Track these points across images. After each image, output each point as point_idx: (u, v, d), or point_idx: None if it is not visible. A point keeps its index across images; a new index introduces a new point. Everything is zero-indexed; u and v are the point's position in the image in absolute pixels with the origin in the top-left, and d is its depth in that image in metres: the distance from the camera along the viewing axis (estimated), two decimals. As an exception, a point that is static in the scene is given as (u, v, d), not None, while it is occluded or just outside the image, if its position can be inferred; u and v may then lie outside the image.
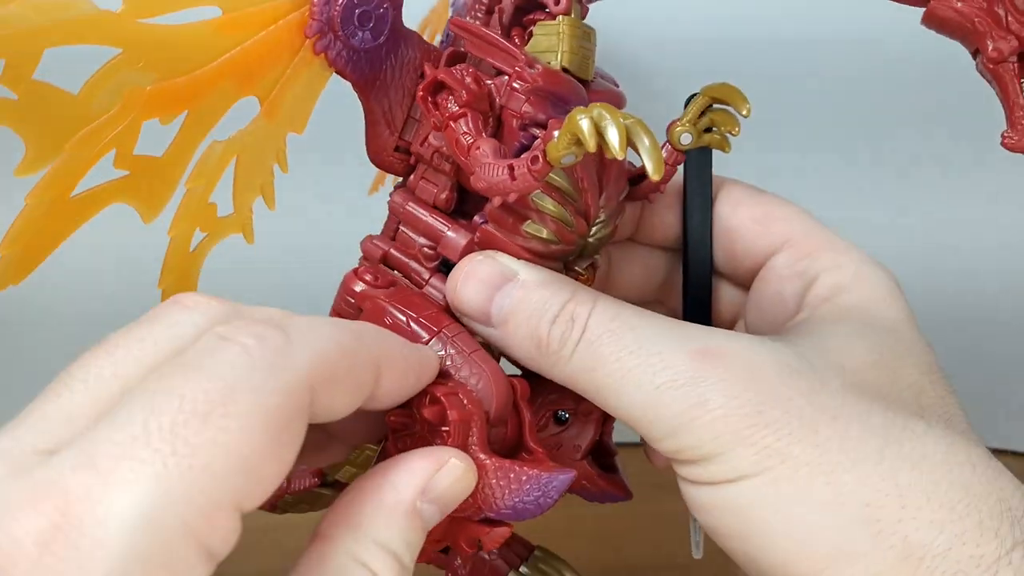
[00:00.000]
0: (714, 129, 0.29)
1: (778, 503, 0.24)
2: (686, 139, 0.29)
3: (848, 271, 0.29)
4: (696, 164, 0.31)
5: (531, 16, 0.28)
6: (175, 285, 0.26)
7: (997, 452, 0.25)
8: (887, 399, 0.25)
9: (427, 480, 0.23)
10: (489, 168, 0.25)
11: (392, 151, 0.29)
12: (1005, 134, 0.24)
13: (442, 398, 0.25)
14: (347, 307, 0.29)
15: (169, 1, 0.23)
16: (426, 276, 0.29)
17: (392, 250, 0.29)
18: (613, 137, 0.21)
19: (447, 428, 0.24)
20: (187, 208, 0.26)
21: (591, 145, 0.21)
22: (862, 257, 0.30)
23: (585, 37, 0.28)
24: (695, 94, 0.29)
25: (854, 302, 0.29)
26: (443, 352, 0.26)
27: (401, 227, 0.30)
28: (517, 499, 0.24)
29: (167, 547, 0.17)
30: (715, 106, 0.29)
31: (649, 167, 0.22)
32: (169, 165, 0.25)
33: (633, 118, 0.22)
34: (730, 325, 0.34)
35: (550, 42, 0.27)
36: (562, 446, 0.31)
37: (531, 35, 0.28)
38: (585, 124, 0.21)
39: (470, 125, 0.26)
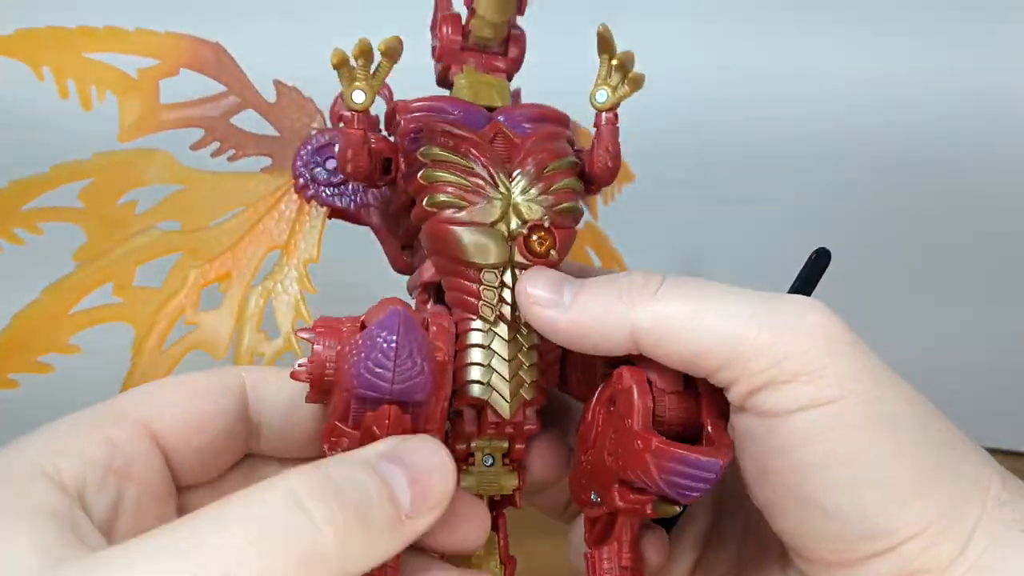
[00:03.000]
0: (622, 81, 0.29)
1: (884, 421, 0.25)
2: (602, 96, 0.29)
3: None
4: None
5: None
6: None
7: (997, 452, 0.28)
8: None
9: (388, 447, 0.23)
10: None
11: (401, 254, 0.33)
12: None
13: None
14: None
15: (210, 214, 0.35)
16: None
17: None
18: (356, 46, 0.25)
19: None
20: (246, 341, 0.33)
21: (352, 61, 0.26)
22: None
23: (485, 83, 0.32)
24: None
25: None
26: None
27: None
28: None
29: None
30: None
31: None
32: (225, 315, 0.33)
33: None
34: None
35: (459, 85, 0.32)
36: None
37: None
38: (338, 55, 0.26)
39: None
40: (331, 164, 0.34)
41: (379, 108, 0.33)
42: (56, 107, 0.36)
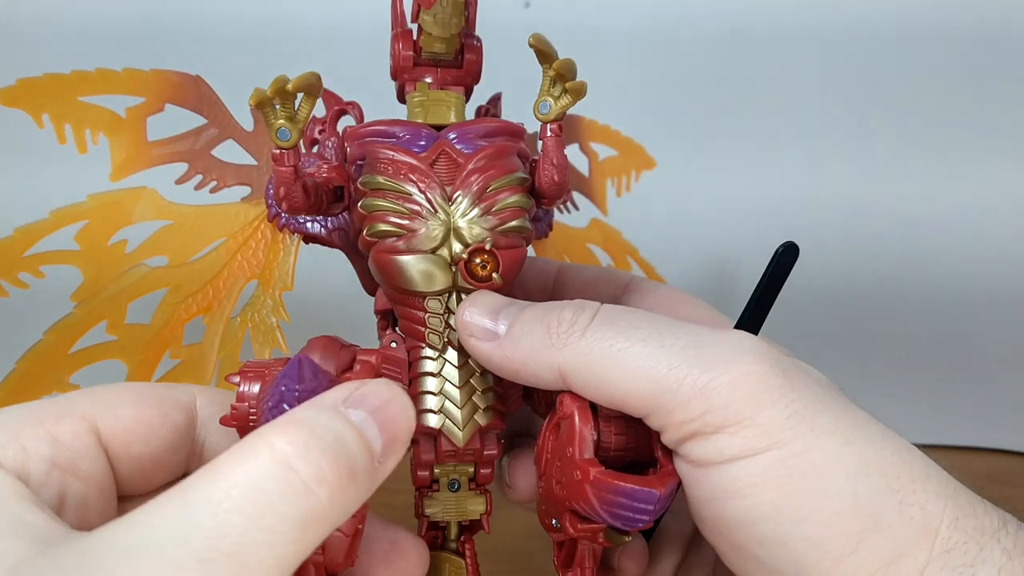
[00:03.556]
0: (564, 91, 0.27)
1: (812, 473, 0.23)
2: (544, 108, 0.28)
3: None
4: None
5: None
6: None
7: (996, 452, 0.29)
8: None
9: (349, 392, 0.23)
10: None
11: (370, 276, 0.32)
12: None
13: None
14: None
15: (194, 247, 0.35)
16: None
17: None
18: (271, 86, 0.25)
19: None
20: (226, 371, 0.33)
21: (275, 102, 0.26)
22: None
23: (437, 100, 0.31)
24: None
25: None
26: None
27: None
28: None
29: None
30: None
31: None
32: (208, 347, 0.34)
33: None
34: None
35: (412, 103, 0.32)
36: None
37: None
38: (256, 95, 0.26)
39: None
40: (300, 191, 0.34)
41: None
42: (54, 152, 0.37)
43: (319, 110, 0.36)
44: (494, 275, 0.27)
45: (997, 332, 0.56)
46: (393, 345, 0.28)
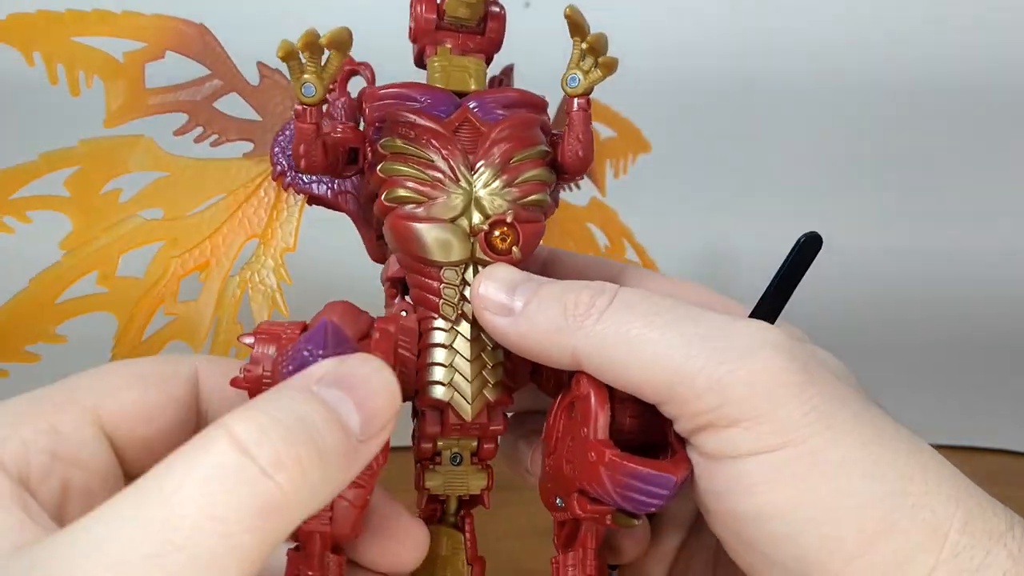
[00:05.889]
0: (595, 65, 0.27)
1: (828, 472, 0.23)
2: (573, 81, 0.27)
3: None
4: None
5: None
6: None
7: (994, 451, 0.29)
8: None
9: (325, 371, 0.22)
10: None
11: (377, 243, 0.32)
12: None
13: None
14: None
15: (191, 201, 0.34)
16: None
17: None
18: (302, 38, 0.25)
19: None
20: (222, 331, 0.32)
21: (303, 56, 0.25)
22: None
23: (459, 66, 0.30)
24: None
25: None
26: None
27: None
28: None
29: None
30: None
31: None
32: (204, 305, 0.33)
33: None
34: None
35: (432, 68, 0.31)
36: None
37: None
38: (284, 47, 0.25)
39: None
40: (308, 150, 0.33)
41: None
42: (45, 92, 0.35)
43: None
44: (514, 248, 0.27)
45: (998, 332, 0.57)
46: (403, 314, 0.28)
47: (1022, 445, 0.53)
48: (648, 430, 0.26)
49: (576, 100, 0.27)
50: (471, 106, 0.28)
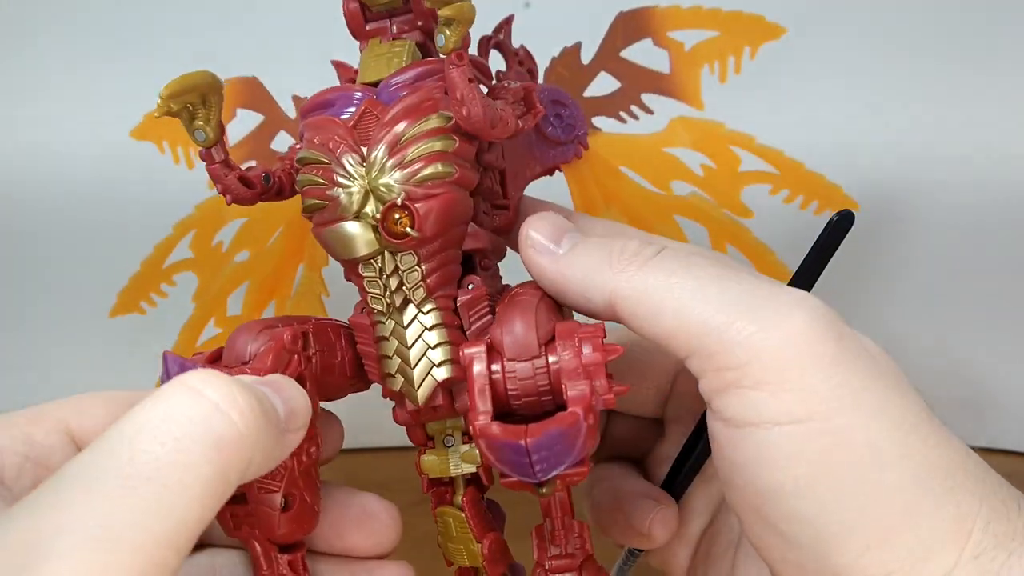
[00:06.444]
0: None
1: (852, 454, 0.22)
2: (440, 41, 0.25)
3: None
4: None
5: None
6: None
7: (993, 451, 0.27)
8: None
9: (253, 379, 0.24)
10: None
11: None
12: None
13: None
14: None
15: (264, 236, 0.38)
16: None
17: None
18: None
19: None
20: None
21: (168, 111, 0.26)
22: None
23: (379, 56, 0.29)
24: None
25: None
26: None
27: None
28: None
29: None
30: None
31: None
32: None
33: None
34: None
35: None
36: None
37: None
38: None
39: None
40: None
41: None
42: (171, 171, 0.42)
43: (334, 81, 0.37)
44: (408, 230, 0.26)
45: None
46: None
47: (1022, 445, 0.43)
48: (555, 391, 0.24)
49: (448, 60, 0.25)
50: (375, 95, 0.28)
